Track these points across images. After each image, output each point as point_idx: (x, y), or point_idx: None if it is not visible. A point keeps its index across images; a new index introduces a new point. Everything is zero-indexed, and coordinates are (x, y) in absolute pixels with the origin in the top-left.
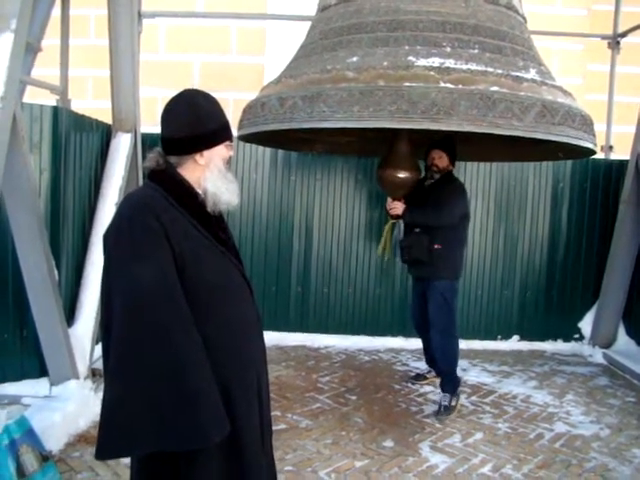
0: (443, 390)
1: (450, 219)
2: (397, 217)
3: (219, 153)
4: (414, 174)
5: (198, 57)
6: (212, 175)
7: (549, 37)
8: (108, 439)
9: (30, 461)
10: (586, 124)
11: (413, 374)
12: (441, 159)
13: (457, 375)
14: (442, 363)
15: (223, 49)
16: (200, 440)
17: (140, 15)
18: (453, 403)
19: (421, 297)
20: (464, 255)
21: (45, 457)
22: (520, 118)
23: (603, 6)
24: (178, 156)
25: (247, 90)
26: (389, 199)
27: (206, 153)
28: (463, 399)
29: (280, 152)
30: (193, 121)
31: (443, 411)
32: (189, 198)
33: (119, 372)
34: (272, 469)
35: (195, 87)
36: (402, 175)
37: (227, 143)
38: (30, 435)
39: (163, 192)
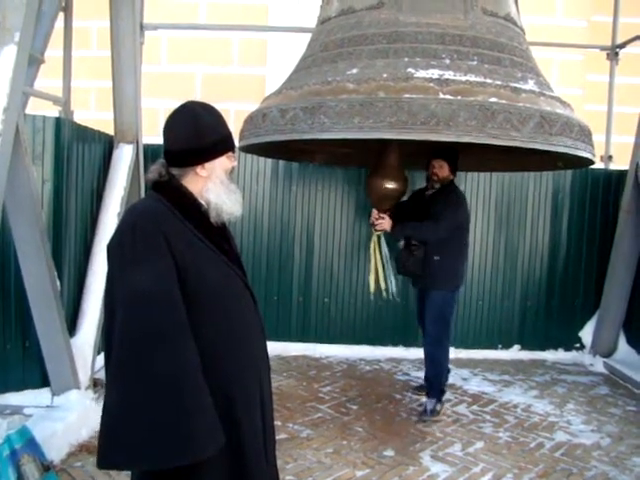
0: (429, 395)
1: (443, 234)
2: (382, 231)
3: (221, 164)
4: (401, 186)
5: (200, 68)
6: (214, 186)
7: (549, 48)
8: (108, 449)
9: (31, 471)
10: (584, 134)
11: (415, 384)
12: (442, 168)
13: (443, 383)
14: (429, 370)
15: (225, 60)
16: (196, 453)
17: (142, 27)
18: (438, 408)
19: (422, 303)
20: (465, 266)
21: (47, 467)
22: (518, 129)
23: (602, 17)
24: (180, 168)
25: (249, 101)
26: (374, 212)
27: (207, 165)
28: (464, 408)
29: (281, 163)
30: (193, 134)
31: (428, 413)
32: (192, 209)
33: (117, 379)
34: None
35: (197, 98)
36: (390, 186)
37: (229, 154)
38: (31, 445)
39: (166, 203)
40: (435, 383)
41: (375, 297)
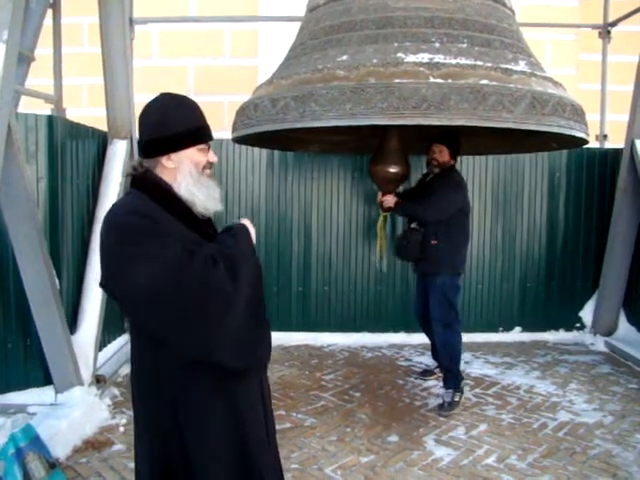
0: (446, 386)
1: (439, 213)
2: (388, 210)
3: (189, 157)
4: (404, 168)
5: (192, 61)
6: (183, 179)
7: (541, 29)
8: None
9: (37, 469)
10: (577, 114)
11: (419, 370)
12: (441, 153)
13: (460, 370)
14: (444, 357)
15: (216, 52)
16: None
17: (132, 21)
18: (456, 399)
19: (423, 292)
20: (466, 250)
21: (52, 464)
22: (510, 110)
23: None
24: (148, 159)
25: (242, 92)
26: (380, 193)
27: (174, 156)
28: (467, 391)
29: (276, 153)
30: (158, 123)
31: (447, 407)
32: (177, 205)
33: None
34: (279, 469)
35: (190, 92)
36: (393, 170)
37: (200, 147)
38: (36, 443)
39: (146, 198)
40: (451, 371)
41: (375, 284)
